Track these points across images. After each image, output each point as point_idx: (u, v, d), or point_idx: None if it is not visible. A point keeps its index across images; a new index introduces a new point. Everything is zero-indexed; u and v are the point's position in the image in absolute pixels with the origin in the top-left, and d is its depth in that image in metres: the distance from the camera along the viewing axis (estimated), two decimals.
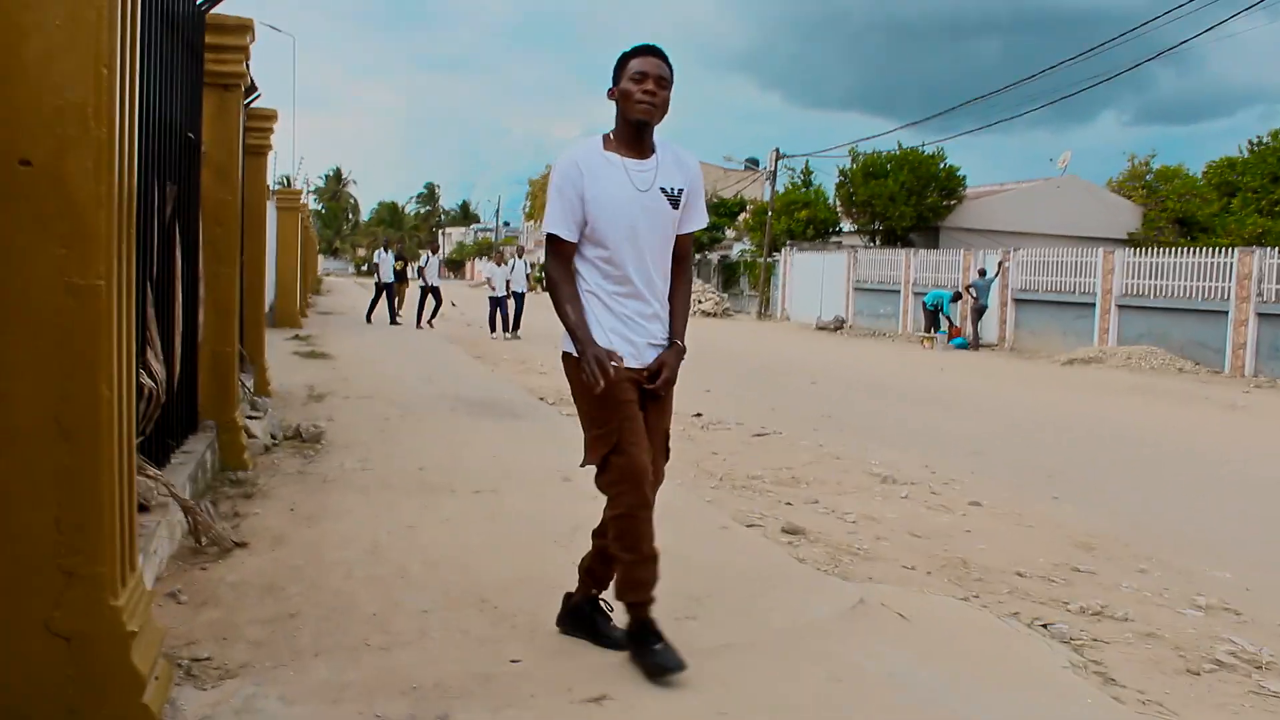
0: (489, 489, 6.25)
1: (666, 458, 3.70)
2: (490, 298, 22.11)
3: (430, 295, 23.35)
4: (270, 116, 10.04)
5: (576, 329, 3.40)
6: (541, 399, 11.09)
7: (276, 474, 6.49)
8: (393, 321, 23.61)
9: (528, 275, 22.96)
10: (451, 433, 8.39)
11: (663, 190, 3.48)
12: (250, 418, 7.36)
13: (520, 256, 23.31)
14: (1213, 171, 38.12)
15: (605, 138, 3.52)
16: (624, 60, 3.46)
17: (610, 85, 3.49)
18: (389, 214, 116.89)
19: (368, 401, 9.99)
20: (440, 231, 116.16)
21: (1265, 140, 37.02)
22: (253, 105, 9.79)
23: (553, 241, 3.47)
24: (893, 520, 6.32)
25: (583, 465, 3.57)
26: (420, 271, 24.58)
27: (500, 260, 22.85)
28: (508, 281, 21.98)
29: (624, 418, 3.39)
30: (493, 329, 21.86)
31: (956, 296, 24.95)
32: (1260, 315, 18.30)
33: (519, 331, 21.71)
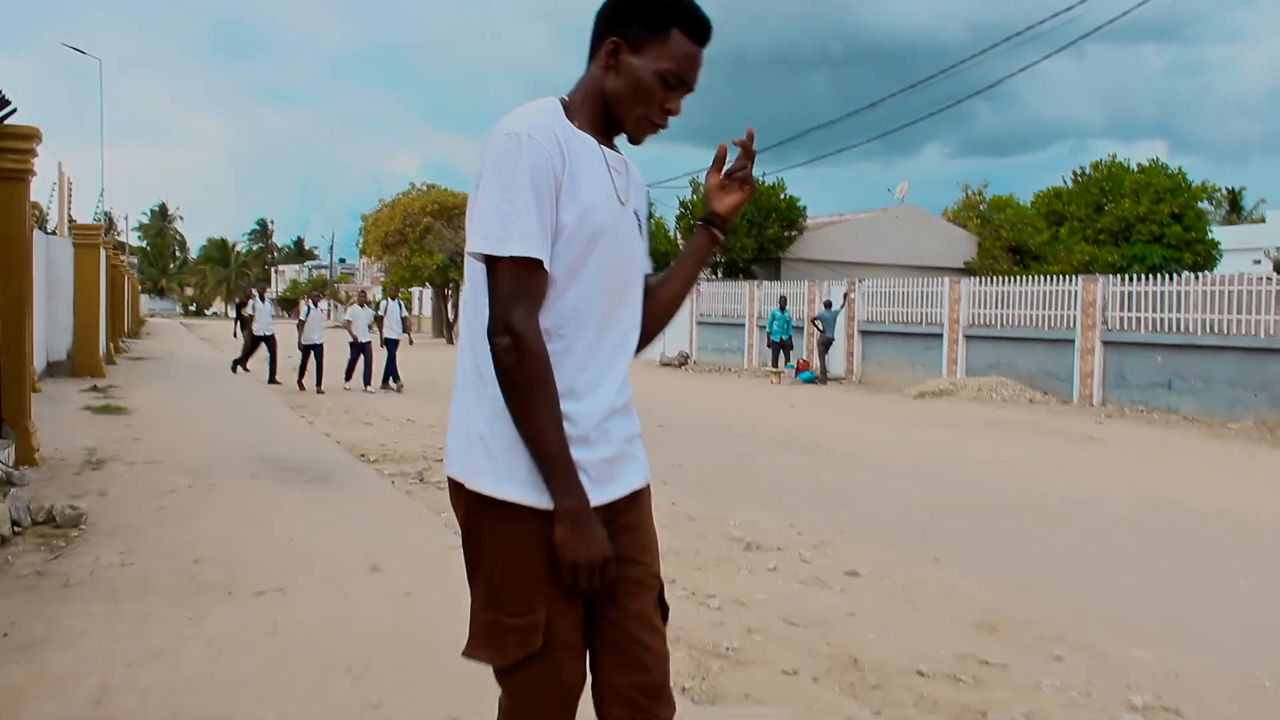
0: (276, 587, 5.07)
1: (663, 639, 2.13)
2: (352, 344, 18.97)
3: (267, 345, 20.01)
4: (30, 136, 8.62)
5: (556, 461, 1.92)
6: (361, 456, 9.89)
7: (4, 577, 5.18)
8: (272, 379, 19.51)
9: (404, 319, 20.05)
10: (246, 507, 7.14)
11: (635, 210, 2.16)
12: None
13: (394, 298, 20.42)
14: (1040, 201, 39.20)
15: (564, 104, 2.08)
16: (663, 22, 2.04)
17: (607, 40, 2.07)
18: (218, 251, 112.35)
19: (155, 468, 8.62)
20: (274, 269, 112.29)
21: (1087, 171, 38.33)
22: (6, 123, 8.37)
23: (518, 272, 1.92)
24: (763, 603, 5.39)
25: (467, 656, 2.03)
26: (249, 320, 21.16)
27: (364, 300, 20.00)
28: (371, 326, 19.25)
29: (558, 601, 1.96)
30: (348, 378, 18.98)
31: (782, 304, 24.63)
32: (1106, 343, 18.26)
33: (399, 383, 18.98)
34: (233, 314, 24.00)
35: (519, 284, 1.91)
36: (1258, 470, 11.43)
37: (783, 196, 35.11)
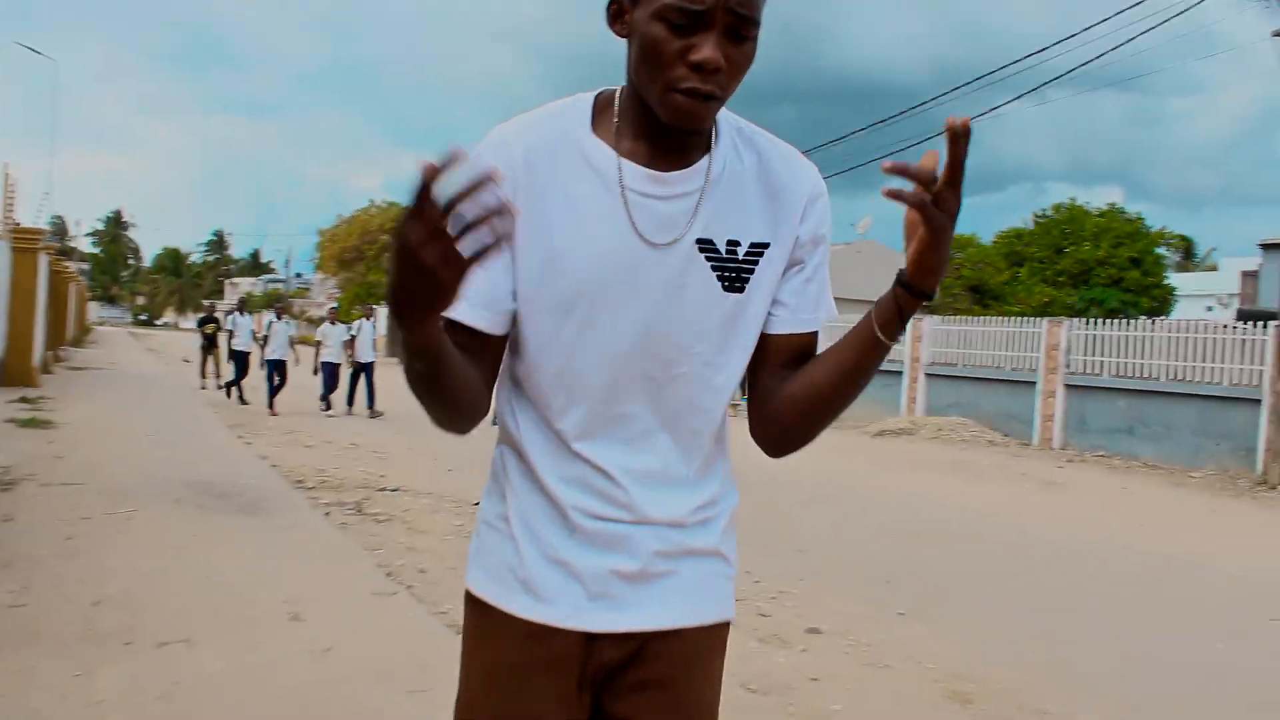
0: (181, 637, 4.57)
1: None
2: (324, 363, 17.57)
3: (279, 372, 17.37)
4: None
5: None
6: (298, 482, 9.36)
7: None
8: (242, 399, 18.37)
9: (375, 340, 18.10)
10: (164, 539, 6.60)
11: (703, 246, 1.46)
12: None
13: (370, 319, 18.17)
14: (1001, 241, 39.34)
15: (597, 102, 1.51)
16: None
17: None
18: (172, 261, 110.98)
19: (72, 491, 8.04)
20: (229, 281, 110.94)
21: (1048, 213, 38.53)
22: None
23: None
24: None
25: None
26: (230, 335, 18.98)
27: (334, 318, 18.32)
28: (345, 344, 17.67)
29: None
30: (325, 403, 17.51)
31: None
32: (1068, 386, 18.05)
33: (376, 407, 17.27)
34: (196, 328, 22.63)
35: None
36: (1224, 521, 11.21)
37: None
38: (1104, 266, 33.36)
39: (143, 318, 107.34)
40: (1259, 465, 14.77)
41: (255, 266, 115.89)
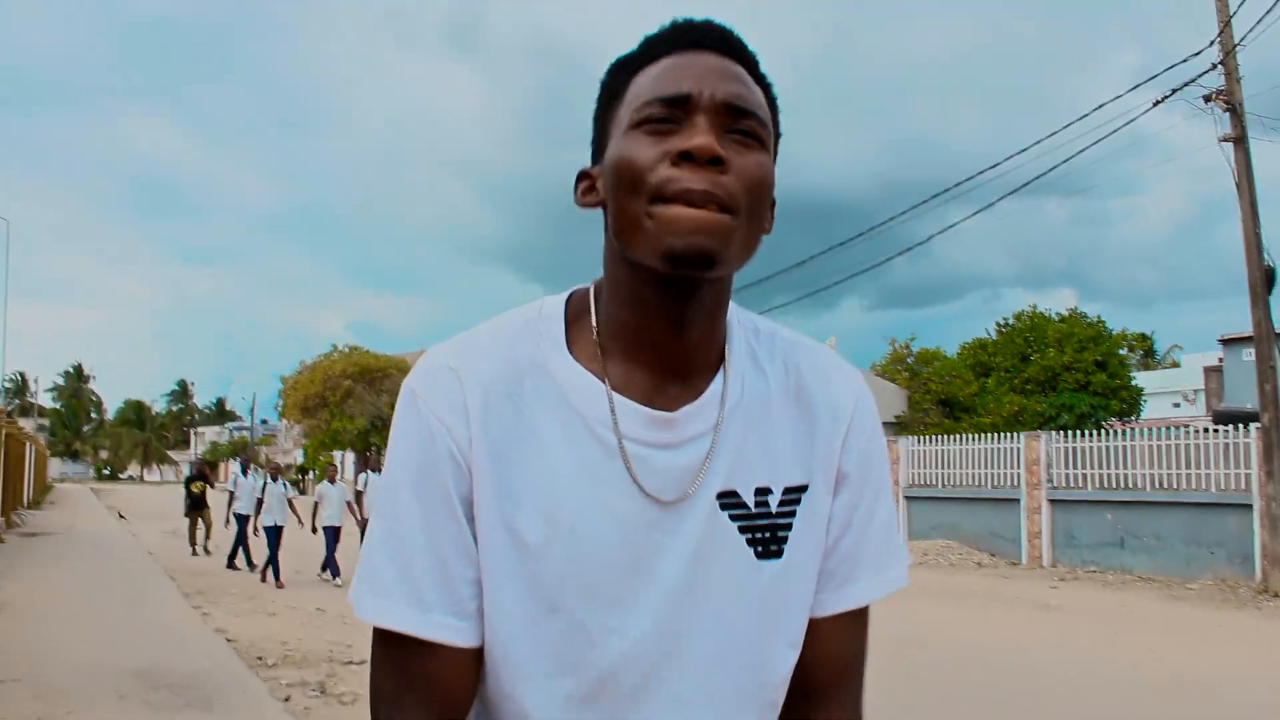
0: None
1: None
2: (325, 527, 15.47)
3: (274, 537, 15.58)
4: None
5: None
6: (259, 659, 8.75)
7: None
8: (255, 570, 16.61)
9: (349, 502, 16.15)
10: None
11: (726, 500, 1.09)
12: None
13: (375, 470, 16.52)
14: (967, 353, 39.50)
15: (569, 309, 1.15)
16: (628, 66, 1.10)
17: (587, 165, 1.15)
18: (135, 413, 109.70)
19: (7, 691, 7.40)
20: (193, 431, 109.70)
21: (1010, 322, 38.78)
22: None
23: (391, 652, 1.08)
24: None
25: None
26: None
27: (334, 477, 16.29)
28: (350, 504, 15.89)
29: None
30: (333, 572, 15.38)
31: None
32: (1052, 501, 17.71)
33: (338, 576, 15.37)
34: (183, 486, 21.32)
35: (398, 672, 1.08)
36: (1231, 637, 10.79)
37: None
38: (1070, 371, 33.44)
39: (106, 472, 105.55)
40: (1257, 573, 14.40)
41: (220, 414, 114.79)
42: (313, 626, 10.87)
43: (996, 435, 19.64)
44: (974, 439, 19.94)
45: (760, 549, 1.09)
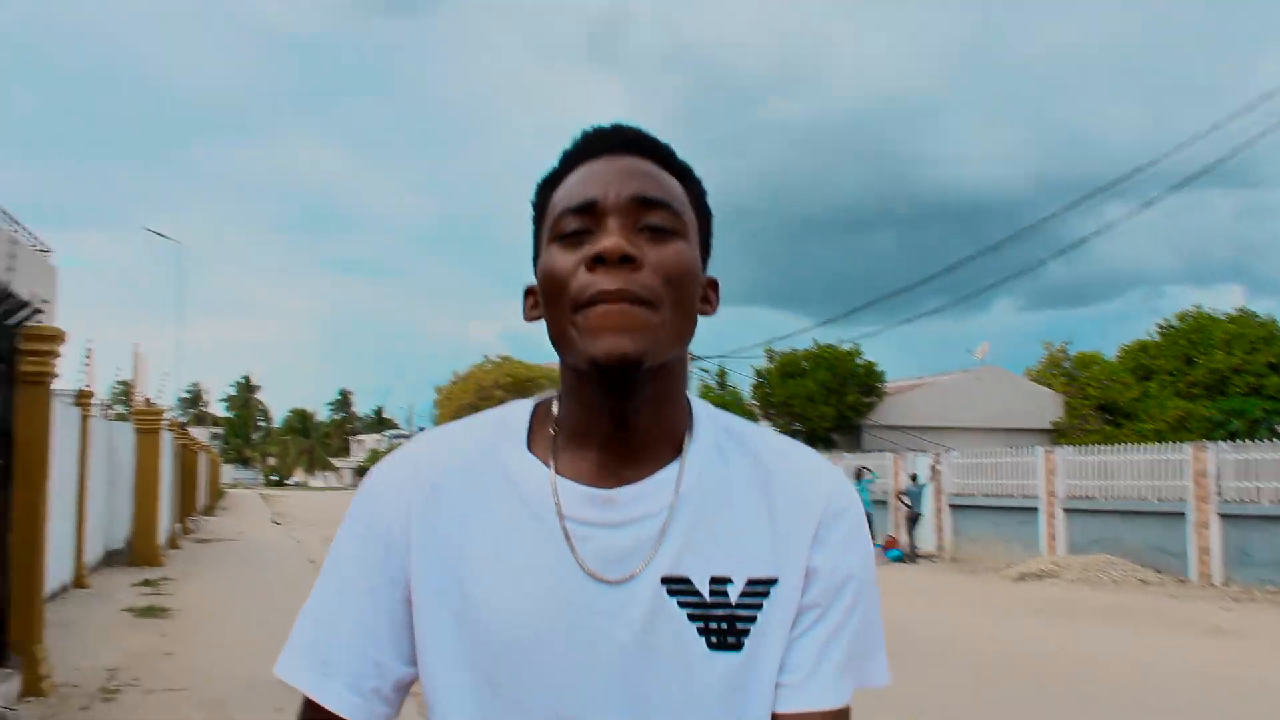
0: None
1: None
2: None
3: None
4: (54, 337, 8.08)
5: None
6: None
7: None
8: None
9: None
10: None
11: (674, 586, 1.06)
12: None
13: None
14: (1127, 356, 37.95)
15: (536, 411, 1.17)
16: (549, 183, 1.15)
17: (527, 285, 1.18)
18: (300, 421, 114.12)
19: (172, 700, 7.74)
20: (354, 438, 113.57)
21: (1173, 323, 37.09)
22: (29, 325, 7.85)
23: (302, 704, 1.12)
24: None
25: None
26: None
27: None
28: None
29: None
30: None
31: (859, 475, 23.34)
32: (1223, 516, 16.80)
33: None
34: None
35: None
36: None
37: (859, 362, 34.27)
38: (1240, 374, 31.82)
39: (273, 478, 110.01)
40: None
41: (379, 422, 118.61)
42: None
43: (1160, 445, 18.76)
44: (1136, 449, 19.08)
45: (715, 639, 1.05)
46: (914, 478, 22.99)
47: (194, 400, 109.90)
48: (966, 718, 7.69)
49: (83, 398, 14.57)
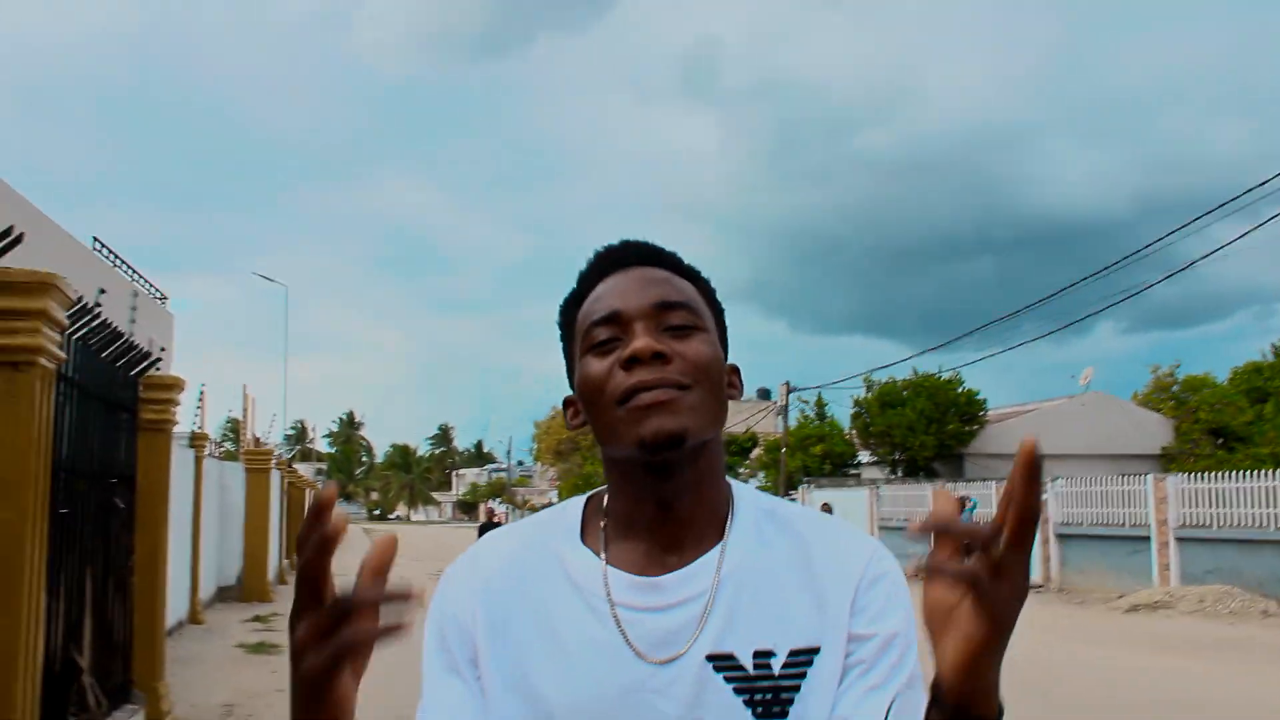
0: None
1: None
2: None
3: None
4: (171, 386, 8.42)
5: None
6: None
7: None
8: None
9: None
10: None
11: (720, 663, 1.14)
12: None
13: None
14: (1239, 377, 36.81)
15: (588, 506, 1.29)
16: (573, 303, 1.30)
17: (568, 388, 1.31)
18: (401, 457, 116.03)
19: None
20: (454, 473, 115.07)
21: None
22: (150, 373, 8.19)
23: None
24: None
25: None
26: None
27: (827, 509, 15.41)
28: None
29: None
30: None
31: (962, 505, 22.91)
32: None
33: None
34: (477, 534, 22.33)
35: None
36: None
37: (960, 390, 33.78)
38: None
39: (376, 513, 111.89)
40: None
41: (479, 457, 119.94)
42: None
43: (1277, 470, 18.13)
44: (1252, 475, 18.48)
45: (760, 709, 1.11)
46: None
47: (299, 437, 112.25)
48: None
49: (197, 439, 15.07)
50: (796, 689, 1.12)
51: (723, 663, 1.12)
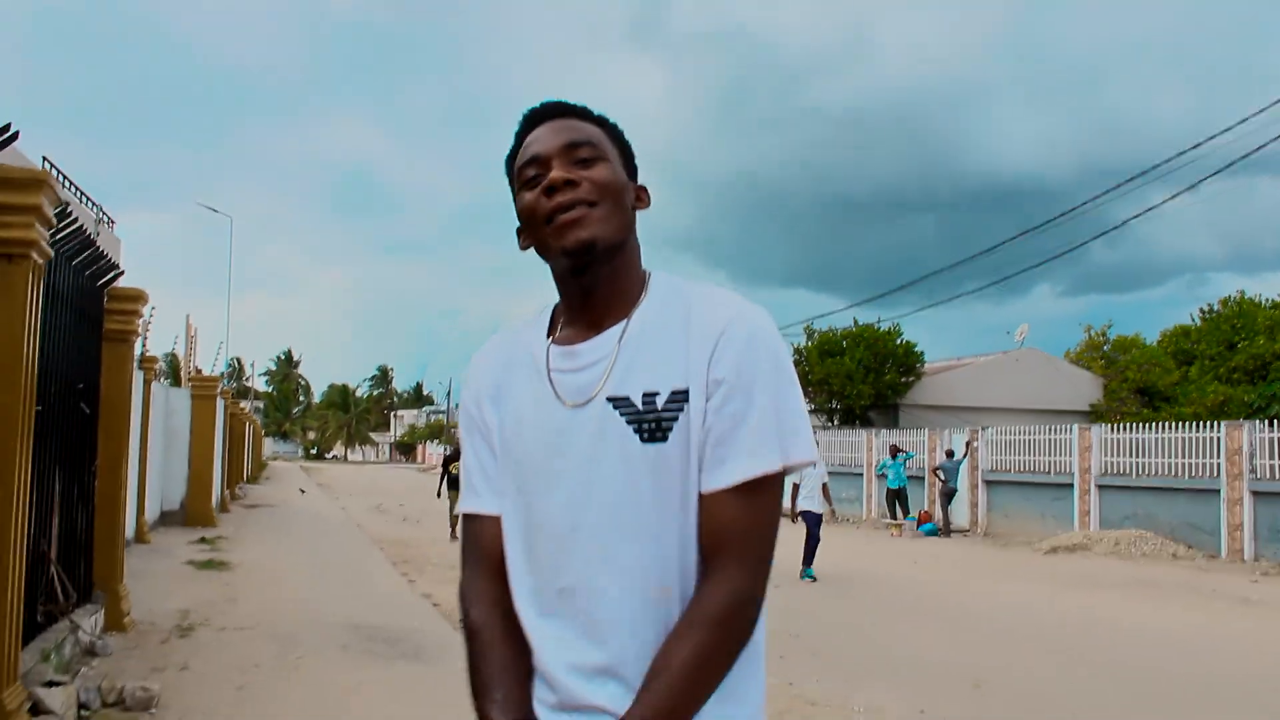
0: None
1: None
2: (803, 512, 13.50)
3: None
4: (136, 298, 8.59)
5: (473, 693, 1.56)
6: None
7: None
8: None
9: (824, 485, 13.95)
10: (329, 689, 6.68)
11: (617, 403, 1.51)
12: (51, 683, 5.67)
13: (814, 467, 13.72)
14: (1168, 340, 37.86)
15: (556, 307, 1.69)
16: (511, 156, 1.67)
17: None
18: (340, 396, 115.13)
19: (244, 636, 8.25)
20: (393, 414, 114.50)
21: (1216, 308, 36.96)
22: (114, 285, 8.35)
23: (464, 524, 1.70)
24: None
25: None
26: None
27: None
28: (825, 486, 13.94)
29: None
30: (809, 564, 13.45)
31: (893, 453, 23.65)
32: (1255, 494, 17.00)
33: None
34: (440, 467, 22.42)
35: (465, 540, 1.69)
36: None
37: (899, 342, 34.42)
38: None
39: (313, 452, 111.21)
40: None
41: (418, 399, 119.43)
42: None
43: (1195, 424, 18.93)
44: (1171, 427, 19.28)
45: (646, 435, 1.48)
46: (950, 454, 23.22)
47: (236, 374, 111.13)
48: (993, 678, 8.05)
49: (146, 362, 15.11)
50: (675, 419, 1.48)
51: (620, 403, 1.50)
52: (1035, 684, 7.71)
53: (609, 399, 1.50)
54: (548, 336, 1.64)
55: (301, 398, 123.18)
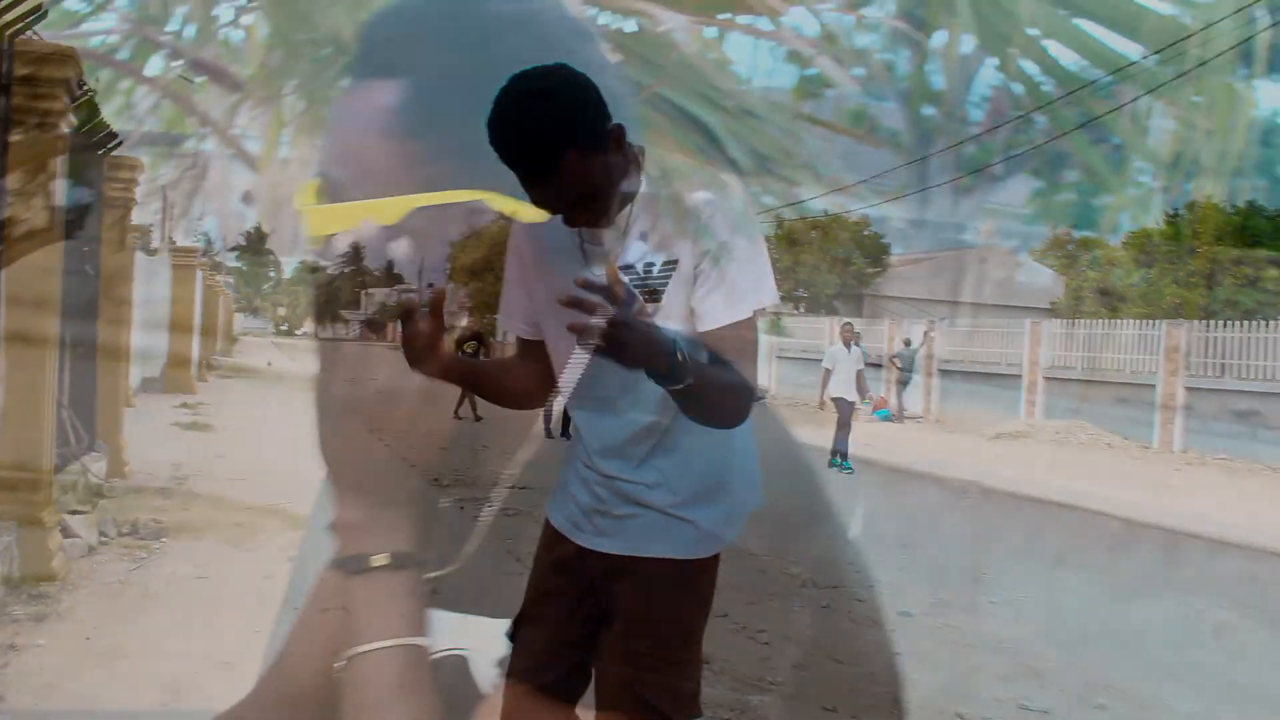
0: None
1: None
2: (835, 398, 13.05)
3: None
4: (135, 166, 9.06)
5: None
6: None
7: (90, 585, 5.49)
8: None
9: (859, 372, 13.41)
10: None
11: (625, 271, 1.91)
12: (74, 512, 6.36)
13: (858, 343, 14.08)
14: (1131, 242, 38.41)
15: None
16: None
17: None
18: (310, 273, 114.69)
19: (236, 484, 8.95)
20: (364, 292, 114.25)
21: (1181, 213, 37.51)
22: (114, 154, 8.81)
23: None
24: (813, 640, 5.49)
25: None
26: None
27: (851, 337, 13.88)
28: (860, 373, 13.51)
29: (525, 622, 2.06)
30: (840, 455, 12.56)
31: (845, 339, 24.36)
32: (1189, 389, 17.93)
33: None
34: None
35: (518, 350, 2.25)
36: None
37: (866, 233, 34.92)
38: (1240, 266, 32.36)
39: (283, 329, 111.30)
40: None
41: (390, 276, 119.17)
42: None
43: (1139, 321, 19.77)
44: (1115, 324, 20.13)
45: (646, 297, 1.91)
46: (907, 342, 23.98)
47: (205, 250, 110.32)
48: (925, 539, 8.90)
49: (132, 230, 15.48)
50: (666, 283, 1.97)
51: (627, 270, 1.98)
52: (953, 546, 8.54)
53: (620, 266, 1.89)
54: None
55: (271, 274, 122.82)
